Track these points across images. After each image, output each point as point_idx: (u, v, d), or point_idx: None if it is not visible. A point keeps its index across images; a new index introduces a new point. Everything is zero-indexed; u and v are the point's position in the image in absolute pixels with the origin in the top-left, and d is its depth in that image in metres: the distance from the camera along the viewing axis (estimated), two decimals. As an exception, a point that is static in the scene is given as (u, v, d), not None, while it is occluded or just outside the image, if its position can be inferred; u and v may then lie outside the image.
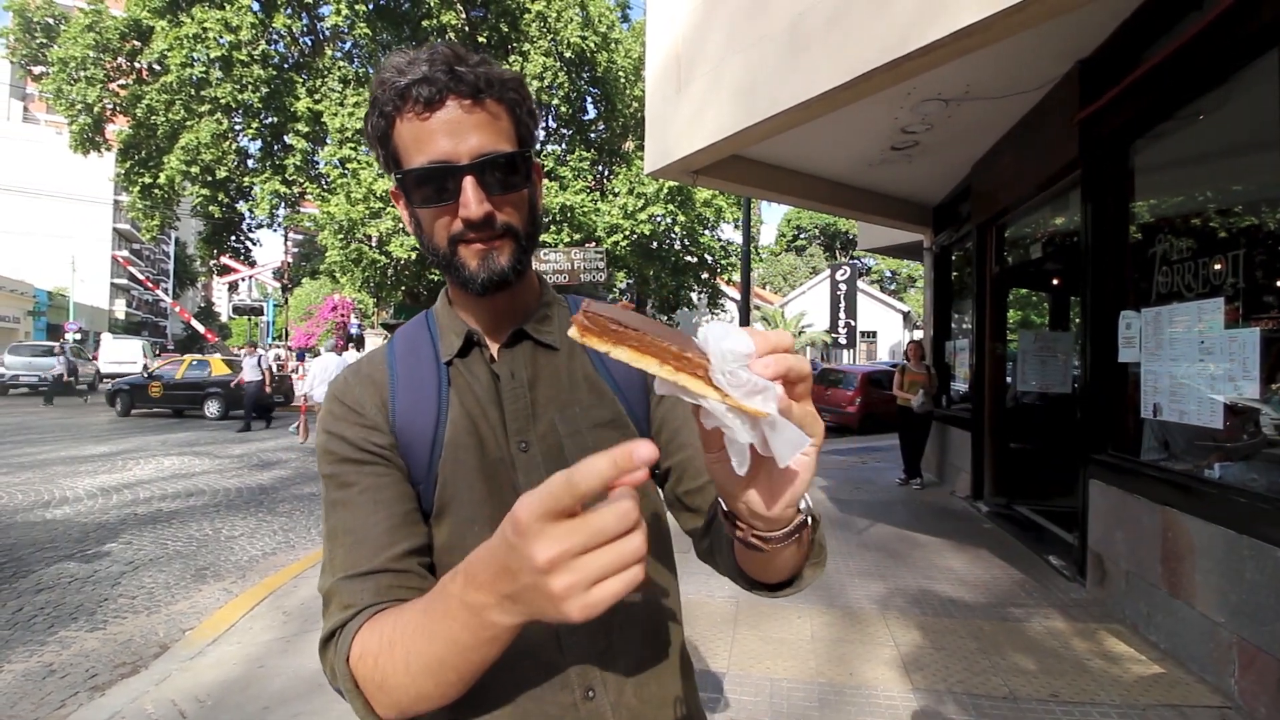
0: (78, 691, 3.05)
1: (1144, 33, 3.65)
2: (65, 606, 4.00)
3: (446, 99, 0.68)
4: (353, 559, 0.69)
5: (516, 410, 0.77)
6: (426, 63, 0.68)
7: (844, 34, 3.66)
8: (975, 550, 5.02)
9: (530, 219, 0.76)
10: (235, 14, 15.86)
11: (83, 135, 17.61)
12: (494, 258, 0.72)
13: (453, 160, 0.68)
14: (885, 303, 35.58)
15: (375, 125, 0.72)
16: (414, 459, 0.75)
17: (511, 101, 0.72)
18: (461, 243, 0.72)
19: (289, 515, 6.34)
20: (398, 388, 0.78)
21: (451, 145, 0.68)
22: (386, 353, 0.82)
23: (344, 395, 0.77)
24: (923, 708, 2.79)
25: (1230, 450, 3.13)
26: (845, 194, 7.29)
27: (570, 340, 0.80)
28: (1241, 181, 3.47)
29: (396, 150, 0.71)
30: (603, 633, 0.74)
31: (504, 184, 0.71)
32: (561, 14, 17.39)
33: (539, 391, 0.79)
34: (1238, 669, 2.79)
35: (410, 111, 0.68)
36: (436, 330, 0.83)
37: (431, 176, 0.69)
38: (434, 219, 0.72)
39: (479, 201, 0.68)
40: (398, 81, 0.68)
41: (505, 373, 0.79)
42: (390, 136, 0.71)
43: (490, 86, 0.70)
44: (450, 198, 0.69)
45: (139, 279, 48.29)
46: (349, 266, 17.10)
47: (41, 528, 5.63)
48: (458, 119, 0.68)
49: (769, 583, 0.69)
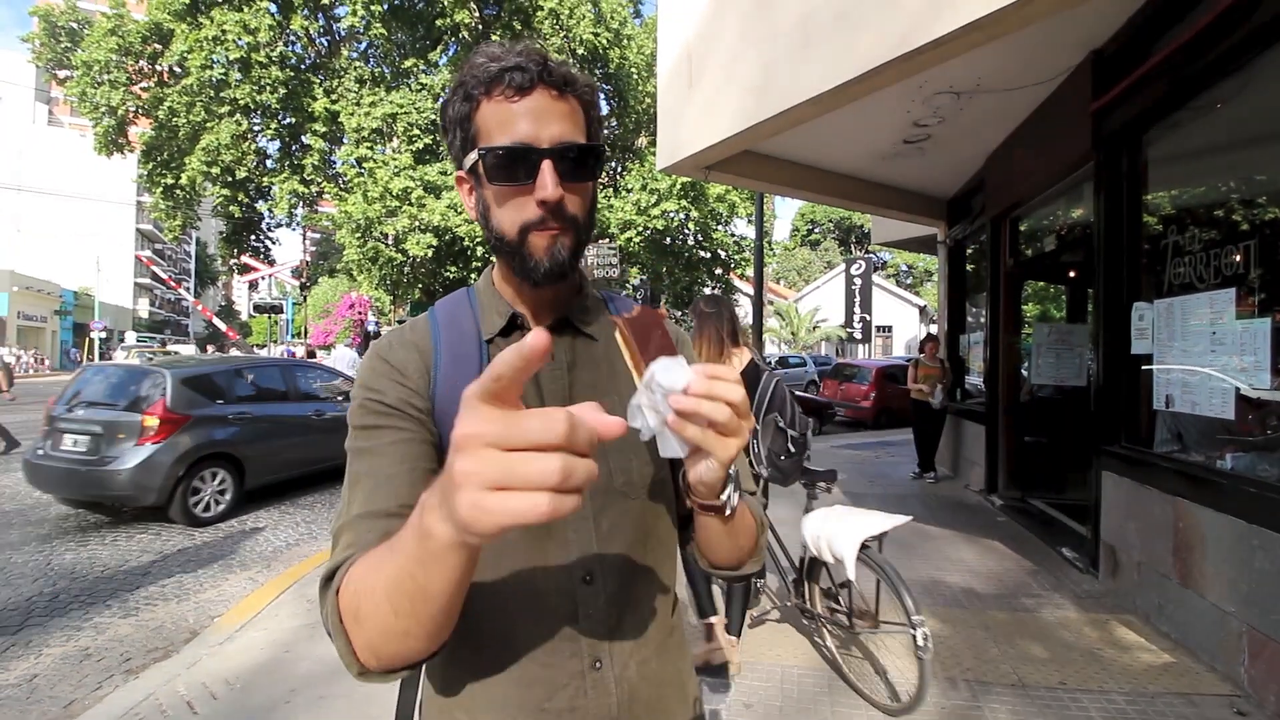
0: (113, 674, 3.18)
1: (1156, 22, 3.64)
2: (99, 594, 4.15)
3: (536, 87, 0.72)
4: (369, 500, 0.70)
5: (554, 391, 0.80)
6: (520, 54, 0.72)
7: (854, 28, 3.69)
8: (988, 543, 5.03)
9: (589, 214, 0.79)
10: (253, 16, 16.07)
11: (107, 137, 17.95)
12: (559, 248, 0.75)
13: (535, 144, 0.72)
14: (901, 297, 35.32)
15: (458, 108, 0.75)
16: (448, 429, 0.74)
17: (587, 103, 0.77)
18: (533, 230, 0.74)
19: (311, 508, 6.48)
20: (440, 358, 0.80)
21: (535, 130, 0.72)
22: (430, 323, 0.84)
23: (389, 354, 0.79)
24: (932, 694, 2.83)
25: (1245, 442, 3.14)
26: (858, 188, 7.29)
27: (608, 332, 0.84)
28: (1256, 172, 3.45)
29: (477, 131, 0.74)
30: (615, 609, 0.78)
31: (576, 174, 0.74)
32: (574, 11, 17.43)
33: (577, 375, 0.82)
34: (1247, 657, 2.80)
35: (500, 95, 0.72)
36: (478, 308, 0.85)
37: (513, 156, 0.72)
38: (507, 199, 0.74)
39: (555, 184, 0.71)
40: (490, 67, 0.72)
41: None
42: (472, 118, 0.74)
43: (573, 84, 0.75)
44: (527, 179, 0.72)
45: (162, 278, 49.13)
46: (366, 265, 17.30)
47: (74, 519, 5.81)
48: (544, 106, 0.72)
49: (720, 564, 0.82)
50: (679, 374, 0.59)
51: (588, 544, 0.77)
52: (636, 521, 0.80)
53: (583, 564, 0.76)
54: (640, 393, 0.61)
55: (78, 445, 5.66)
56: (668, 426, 0.60)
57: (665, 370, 0.59)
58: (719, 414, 0.58)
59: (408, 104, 16.79)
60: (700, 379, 0.58)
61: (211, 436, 5.99)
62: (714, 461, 0.62)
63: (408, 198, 16.07)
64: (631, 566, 0.79)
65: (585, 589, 0.76)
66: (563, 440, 0.42)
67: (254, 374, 7.01)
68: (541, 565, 0.75)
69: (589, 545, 0.77)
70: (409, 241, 16.19)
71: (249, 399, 6.64)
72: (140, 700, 2.83)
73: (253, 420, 6.45)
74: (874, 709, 2.73)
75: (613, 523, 0.78)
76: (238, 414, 6.34)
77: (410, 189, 16.03)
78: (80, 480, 5.59)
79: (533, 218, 0.74)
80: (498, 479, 0.41)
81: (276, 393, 7.04)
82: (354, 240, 16.66)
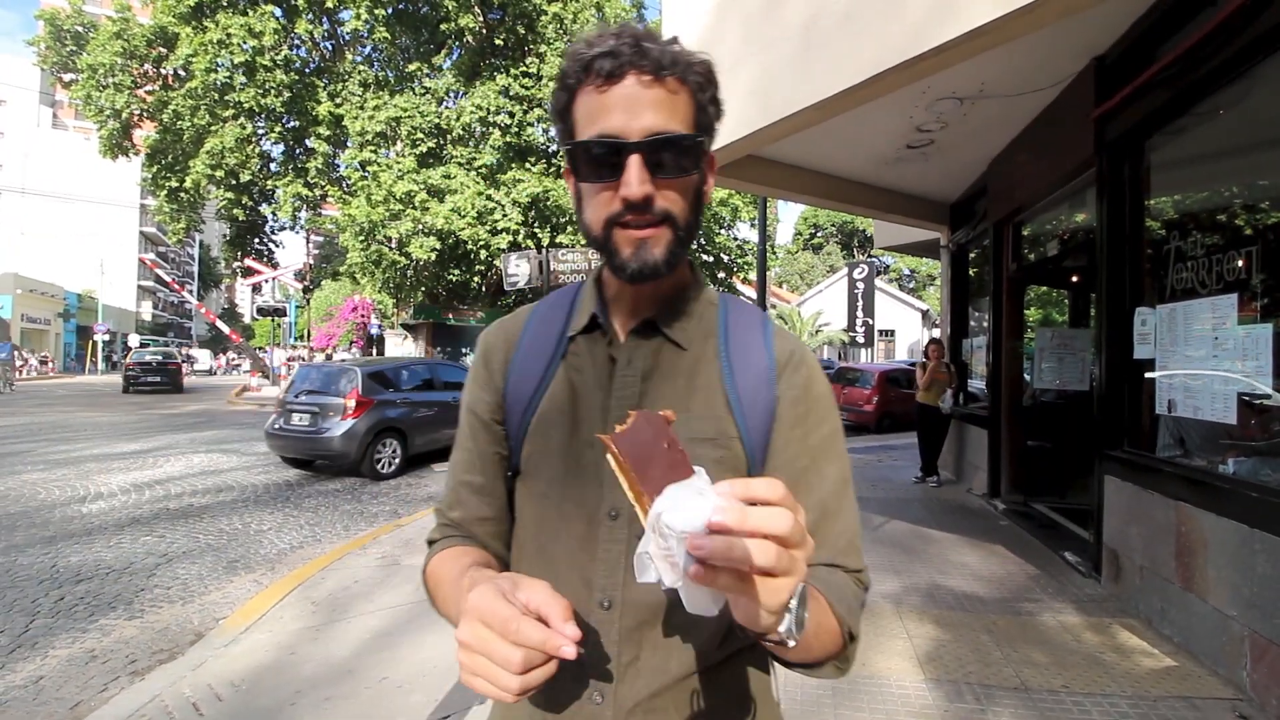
0: (118, 676, 3.20)
1: (1159, 29, 3.66)
2: (104, 596, 4.16)
3: (627, 73, 0.67)
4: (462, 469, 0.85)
5: (623, 398, 0.76)
6: (614, 37, 0.67)
7: (858, 34, 3.71)
8: (991, 547, 5.03)
9: (693, 209, 0.73)
10: (258, 20, 16.16)
11: (111, 140, 18.06)
12: (648, 247, 0.70)
13: (623, 136, 0.66)
14: (904, 301, 35.32)
15: (557, 99, 0.72)
16: (512, 419, 0.81)
17: (695, 84, 0.71)
18: (618, 225, 0.70)
19: (315, 510, 6.50)
20: (520, 350, 0.82)
21: (624, 120, 0.66)
22: (530, 313, 0.86)
23: (487, 338, 0.87)
24: (934, 697, 2.84)
25: (1247, 447, 3.14)
26: (861, 192, 7.31)
27: (702, 343, 0.79)
28: (1258, 177, 3.46)
29: (573, 123, 0.71)
30: (631, 643, 0.72)
31: (672, 167, 0.68)
32: (578, 16, 17.49)
33: (652, 385, 0.76)
34: (1249, 661, 2.81)
35: (591, 84, 0.68)
36: (580, 301, 0.84)
37: (598, 151, 0.68)
38: (594, 195, 0.71)
39: (640, 181, 0.66)
40: (584, 54, 0.68)
41: (623, 359, 0.77)
42: (570, 110, 0.71)
43: (674, 65, 0.68)
44: (614, 175, 0.67)
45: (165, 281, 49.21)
46: (369, 268, 17.35)
47: (78, 521, 5.83)
48: (635, 94, 0.67)
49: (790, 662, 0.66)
50: (694, 508, 0.45)
51: (614, 568, 0.73)
52: None
53: (604, 587, 0.73)
54: (647, 538, 0.48)
55: (302, 420, 8.11)
56: (691, 579, 0.46)
57: (675, 506, 0.46)
58: (762, 556, 0.44)
59: (411, 108, 16.84)
60: (729, 508, 0.45)
61: (387, 415, 8.28)
62: (762, 611, 0.49)
63: (411, 201, 16.12)
64: (659, 606, 0.72)
65: (600, 614, 0.72)
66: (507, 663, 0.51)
67: (412, 370, 9.41)
68: (566, 577, 0.74)
69: (615, 569, 0.73)
70: (412, 245, 16.23)
71: (410, 388, 8.97)
72: (146, 702, 2.84)
73: (413, 404, 8.76)
74: (877, 713, 2.74)
75: None
76: (403, 399, 8.69)
77: (414, 192, 16.08)
78: (305, 445, 8.07)
79: (618, 214, 0.69)
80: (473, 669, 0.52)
81: (427, 383, 9.32)
82: (357, 243, 16.71)
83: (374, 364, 9.22)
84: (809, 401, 0.78)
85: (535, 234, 17.28)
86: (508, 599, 0.53)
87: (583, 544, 0.74)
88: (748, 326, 0.81)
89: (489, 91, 17.00)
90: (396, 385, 8.81)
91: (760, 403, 0.76)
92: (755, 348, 0.79)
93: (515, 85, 17.21)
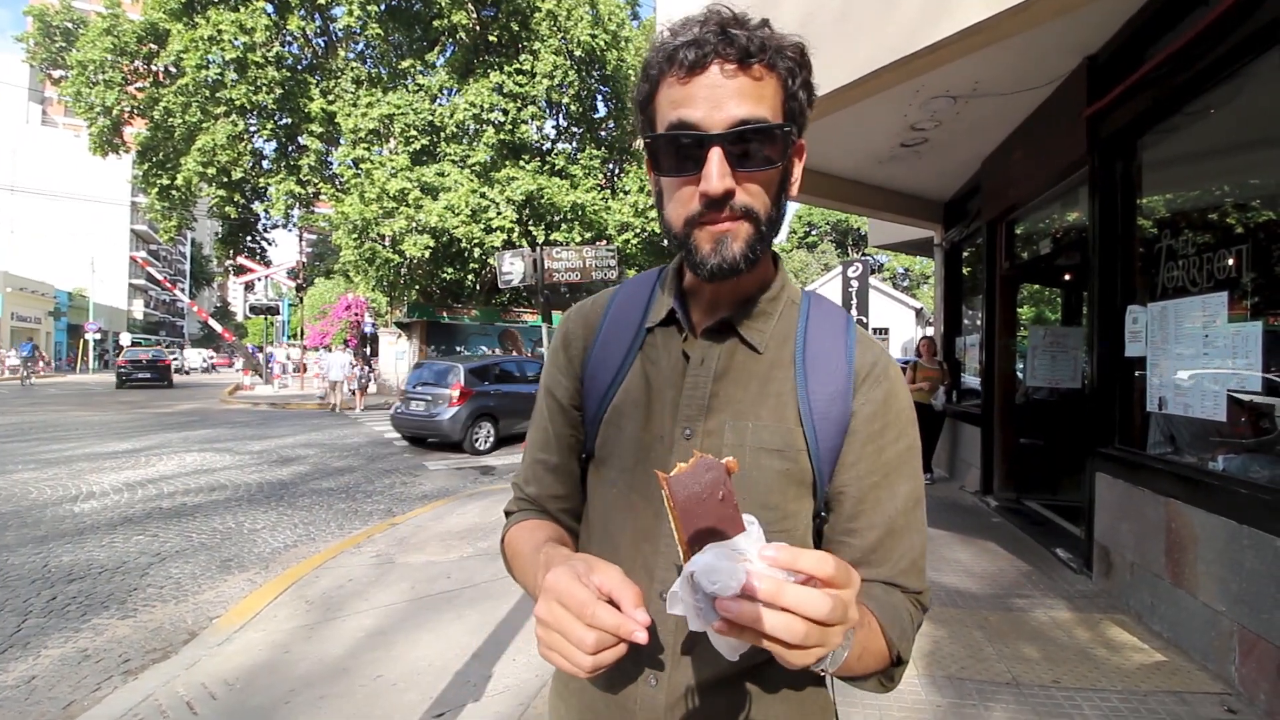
0: (111, 675, 3.18)
1: (1151, 29, 3.68)
2: (97, 595, 4.14)
3: (711, 62, 0.64)
4: (537, 449, 0.88)
5: (692, 398, 0.75)
6: (700, 24, 0.65)
7: (852, 33, 3.72)
8: (983, 544, 5.06)
9: (777, 203, 0.70)
10: (250, 16, 16.07)
11: (102, 138, 17.93)
12: (728, 243, 0.67)
13: (704, 128, 0.64)
14: (898, 299, 35.41)
15: (640, 90, 0.70)
16: (589, 405, 0.84)
17: (786, 71, 0.67)
18: (698, 224, 0.67)
19: (309, 509, 6.48)
20: (600, 336, 0.83)
21: (706, 112, 0.64)
22: (609, 300, 0.87)
23: (568, 323, 0.89)
24: (927, 693, 2.86)
25: (1236, 444, 3.17)
26: (856, 190, 7.33)
27: (779, 346, 0.77)
28: (1248, 176, 3.49)
29: (654, 115, 0.68)
30: (688, 635, 0.72)
31: (755, 158, 0.65)
32: (571, 12, 17.45)
33: (723, 386, 0.75)
34: (1238, 656, 2.83)
35: (674, 75, 0.65)
36: (658, 289, 0.83)
37: (678, 143, 0.65)
38: (675, 190, 0.68)
39: (721, 175, 0.64)
40: (669, 43, 0.65)
41: (696, 357, 0.76)
42: (652, 101, 0.69)
43: (763, 51, 0.65)
44: (695, 168, 0.65)
45: (157, 279, 48.95)
46: (363, 266, 17.30)
47: (70, 521, 5.80)
48: (718, 84, 0.64)
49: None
50: (730, 573, 0.45)
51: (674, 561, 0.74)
52: None
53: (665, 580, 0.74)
54: (680, 584, 0.50)
55: (419, 407, 10.41)
56: (715, 632, 0.48)
57: (712, 569, 0.46)
58: (789, 634, 0.46)
59: (405, 105, 16.79)
60: (766, 578, 0.45)
61: (484, 403, 10.36)
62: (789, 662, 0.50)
63: (405, 199, 16.07)
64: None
65: (659, 602, 0.72)
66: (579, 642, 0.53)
67: (503, 366, 11.57)
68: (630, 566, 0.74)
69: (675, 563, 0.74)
70: (406, 243, 16.18)
71: (500, 379, 11.07)
72: (139, 701, 2.83)
73: (503, 394, 10.74)
74: (870, 709, 2.75)
75: None
76: (495, 390, 10.71)
77: (407, 190, 16.04)
78: (421, 426, 10.35)
79: (697, 211, 0.67)
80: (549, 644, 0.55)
81: (515, 376, 11.39)
82: (350, 241, 16.65)
83: (474, 361, 11.51)
84: (887, 417, 0.76)
85: (529, 232, 17.26)
86: (583, 582, 0.55)
87: (646, 535, 0.75)
88: (829, 331, 0.78)
89: (482, 89, 16.96)
90: (491, 378, 10.92)
91: (834, 415, 0.74)
92: (835, 355, 0.76)
93: (509, 82, 17.17)
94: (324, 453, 10.02)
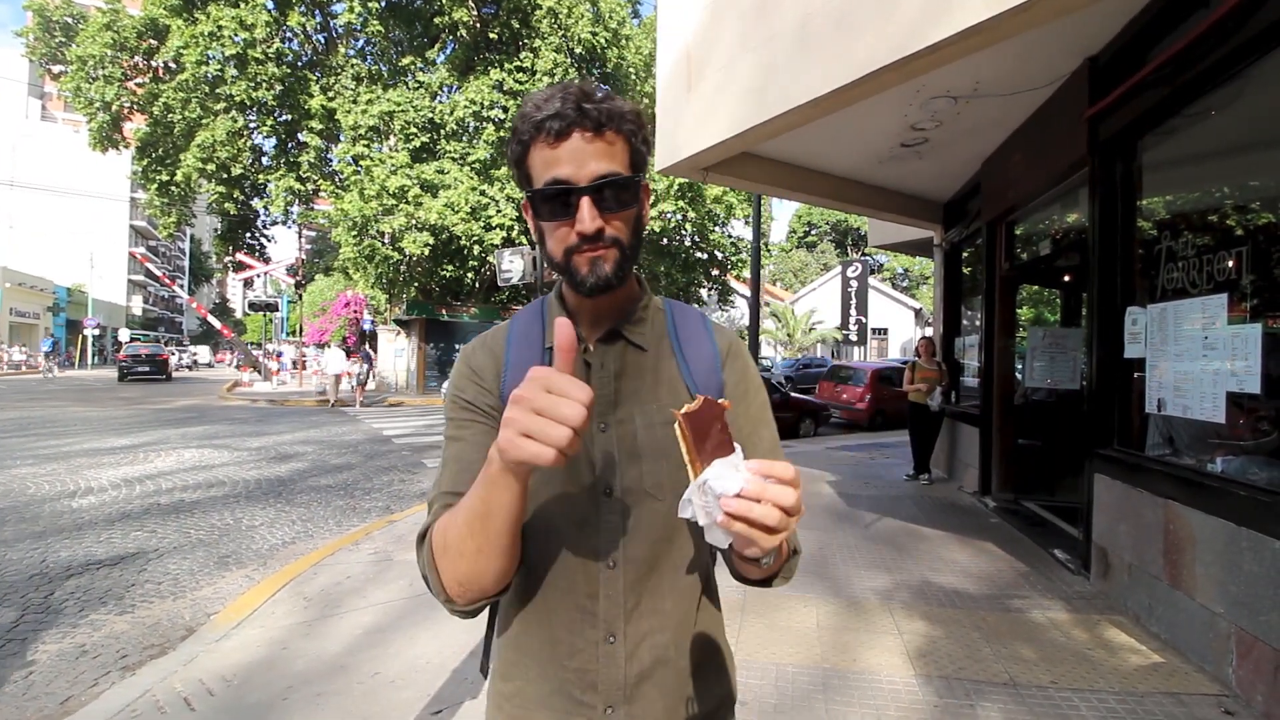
0: (109, 671, 3.18)
1: (1152, 30, 3.68)
2: (94, 591, 4.14)
3: (573, 131, 0.80)
4: (454, 481, 0.87)
5: (601, 396, 0.89)
6: (560, 100, 0.80)
7: (852, 33, 3.72)
8: (981, 544, 5.07)
9: (635, 232, 0.88)
10: (250, 12, 16.04)
11: (101, 133, 17.90)
12: (601, 265, 0.84)
13: (574, 182, 0.80)
14: (897, 299, 35.43)
15: (513, 150, 0.86)
16: None
17: (629, 132, 0.84)
18: (575, 252, 0.84)
19: (307, 506, 6.48)
20: (510, 363, 0.93)
21: (574, 169, 0.80)
22: (507, 332, 0.98)
23: (471, 360, 0.96)
24: (924, 693, 2.86)
25: (1235, 445, 3.17)
26: (855, 191, 7.32)
27: (658, 343, 0.95)
28: (1249, 178, 3.49)
29: (529, 172, 0.84)
30: (634, 595, 0.87)
31: (615, 202, 0.83)
32: (572, 10, 17.44)
33: (624, 383, 0.91)
34: (1235, 658, 2.84)
35: (543, 141, 0.81)
36: (547, 316, 0.97)
37: (556, 195, 0.81)
38: (554, 230, 0.85)
39: (592, 218, 0.80)
40: (535, 115, 0.81)
41: (596, 363, 0.91)
42: (525, 160, 0.84)
43: (611, 120, 0.82)
44: (569, 214, 0.81)
45: (156, 275, 48.86)
46: (362, 263, 17.29)
47: (68, 516, 5.79)
48: (580, 148, 0.81)
49: (746, 581, 0.89)
50: (733, 479, 0.62)
51: (615, 535, 0.87)
52: (663, 520, 0.88)
53: (609, 551, 0.87)
54: (693, 490, 0.65)
55: None
56: (717, 525, 0.64)
57: (719, 476, 0.63)
58: (769, 518, 0.61)
59: (405, 102, 16.77)
60: (754, 481, 0.62)
61: None
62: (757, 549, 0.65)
63: (404, 196, 16.06)
64: (653, 559, 0.89)
65: (608, 573, 0.87)
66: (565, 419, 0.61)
67: None
68: (574, 548, 0.87)
69: (616, 537, 0.87)
70: (405, 240, 16.17)
71: None
72: (137, 697, 2.83)
73: None
74: (867, 708, 2.76)
75: (639, 519, 0.88)
76: None
77: (407, 187, 16.02)
78: None
79: (575, 245, 0.83)
80: (525, 429, 0.62)
81: None
82: (350, 238, 16.64)
83: None
84: (748, 382, 0.98)
85: (529, 229, 17.22)
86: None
87: (586, 519, 0.88)
88: (693, 326, 0.99)
89: (482, 86, 16.95)
90: None
91: (713, 386, 0.93)
92: (702, 342, 0.97)
93: (509, 80, 17.15)
94: (322, 450, 10.01)
